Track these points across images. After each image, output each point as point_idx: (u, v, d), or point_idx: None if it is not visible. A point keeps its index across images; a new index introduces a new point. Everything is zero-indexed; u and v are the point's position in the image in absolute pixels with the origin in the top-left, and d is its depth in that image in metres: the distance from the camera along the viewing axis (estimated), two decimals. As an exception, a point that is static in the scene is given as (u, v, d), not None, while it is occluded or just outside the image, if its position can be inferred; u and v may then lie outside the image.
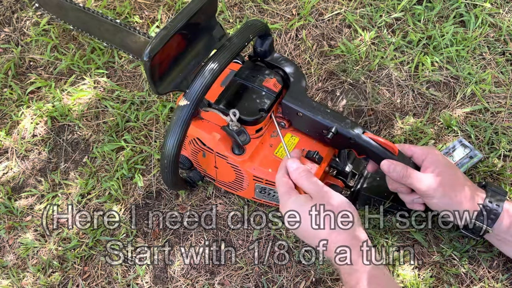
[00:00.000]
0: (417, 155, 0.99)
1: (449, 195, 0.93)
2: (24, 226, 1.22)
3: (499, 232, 0.94)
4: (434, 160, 0.96)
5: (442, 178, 0.93)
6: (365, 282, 0.81)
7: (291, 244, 1.13)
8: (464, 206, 0.93)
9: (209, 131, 1.04)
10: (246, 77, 1.08)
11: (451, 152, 1.13)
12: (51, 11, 1.41)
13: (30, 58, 1.47)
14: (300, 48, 1.36)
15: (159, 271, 1.14)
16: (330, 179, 1.14)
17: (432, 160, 0.96)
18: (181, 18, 0.89)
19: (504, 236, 0.95)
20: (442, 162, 0.96)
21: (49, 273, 1.16)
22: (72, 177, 1.28)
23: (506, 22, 1.35)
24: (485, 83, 1.27)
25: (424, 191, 0.94)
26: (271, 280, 1.10)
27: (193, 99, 0.90)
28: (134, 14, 1.47)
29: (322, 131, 1.02)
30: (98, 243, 1.18)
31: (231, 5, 1.44)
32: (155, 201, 1.22)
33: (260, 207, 1.18)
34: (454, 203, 0.93)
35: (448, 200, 0.93)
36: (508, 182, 1.16)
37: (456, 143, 1.14)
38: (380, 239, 1.11)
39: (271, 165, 1.04)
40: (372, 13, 1.38)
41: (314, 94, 1.29)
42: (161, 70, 0.90)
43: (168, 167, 0.96)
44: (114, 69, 1.42)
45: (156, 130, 1.30)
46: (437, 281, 1.07)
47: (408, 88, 1.28)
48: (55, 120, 1.36)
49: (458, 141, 1.14)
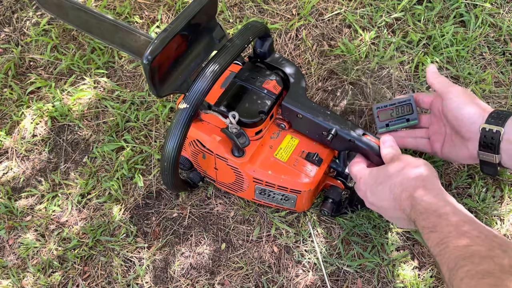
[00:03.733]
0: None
1: (469, 94, 0.97)
2: (24, 226, 1.22)
3: (509, 135, 0.91)
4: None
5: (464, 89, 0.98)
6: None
7: (291, 244, 1.13)
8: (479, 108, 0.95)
9: (209, 133, 1.04)
10: (246, 78, 1.08)
11: (397, 105, 1.09)
12: (51, 11, 1.41)
13: (30, 58, 1.47)
14: (300, 48, 1.36)
15: (159, 271, 1.14)
16: (330, 180, 1.14)
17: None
18: (181, 20, 0.89)
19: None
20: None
21: (49, 273, 1.16)
22: (72, 177, 1.28)
23: (506, 22, 1.35)
24: (485, 83, 1.27)
25: (450, 90, 0.98)
26: (271, 280, 1.11)
27: (193, 102, 0.90)
28: (134, 14, 1.47)
29: (322, 133, 1.02)
30: (98, 243, 1.18)
31: (231, 5, 1.44)
32: (155, 201, 1.23)
33: (260, 207, 1.18)
34: (472, 98, 0.96)
35: (469, 96, 0.96)
36: (508, 183, 1.16)
37: (407, 99, 1.09)
38: (380, 239, 1.11)
39: (271, 167, 1.04)
40: (372, 13, 1.37)
41: (314, 94, 1.29)
42: (161, 72, 0.90)
43: (168, 169, 0.96)
44: (114, 69, 1.42)
45: (156, 130, 1.30)
46: (437, 281, 1.07)
47: (408, 88, 1.28)
48: (55, 120, 1.36)
49: (410, 97, 1.10)
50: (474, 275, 0.66)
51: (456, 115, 0.96)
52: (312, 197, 1.10)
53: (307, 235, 1.14)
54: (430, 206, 0.80)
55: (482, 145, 0.93)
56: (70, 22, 1.36)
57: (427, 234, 0.78)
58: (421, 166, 0.87)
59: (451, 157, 1.03)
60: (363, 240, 1.13)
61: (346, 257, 1.11)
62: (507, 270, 0.65)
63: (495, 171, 0.96)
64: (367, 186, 0.93)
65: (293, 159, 1.05)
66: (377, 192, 0.90)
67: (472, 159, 0.98)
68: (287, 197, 1.07)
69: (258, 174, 1.03)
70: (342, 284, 1.09)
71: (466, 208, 1.12)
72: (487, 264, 0.67)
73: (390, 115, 1.08)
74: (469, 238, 0.72)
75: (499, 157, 0.92)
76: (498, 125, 0.90)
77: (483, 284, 0.64)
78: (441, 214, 0.78)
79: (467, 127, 0.94)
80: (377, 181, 0.90)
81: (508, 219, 1.13)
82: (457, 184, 1.17)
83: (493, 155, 0.92)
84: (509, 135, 0.90)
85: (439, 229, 0.77)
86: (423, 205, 0.81)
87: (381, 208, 0.92)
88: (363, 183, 0.94)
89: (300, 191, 1.04)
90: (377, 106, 1.09)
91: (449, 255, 0.72)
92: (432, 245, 0.76)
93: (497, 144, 0.91)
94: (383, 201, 0.89)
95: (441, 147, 1.04)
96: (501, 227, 1.13)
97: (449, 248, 0.73)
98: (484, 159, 0.94)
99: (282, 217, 1.17)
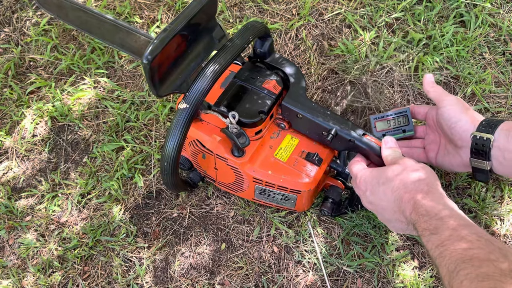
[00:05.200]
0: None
1: (462, 103, 1.00)
2: (24, 226, 1.22)
3: (499, 143, 0.94)
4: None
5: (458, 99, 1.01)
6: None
7: (291, 244, 1.13)
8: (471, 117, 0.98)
9: (209, 133, 1.04)
10: (246, 78, 1.07)
11: (393, 116, 1.11)
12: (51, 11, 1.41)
13: (30, 58, 1.47)
14: (300, 48, 1.36)
15: (159, 271, 1.14)
16: (330, 180, 1.14)
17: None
18: (181, 19, 0.89)
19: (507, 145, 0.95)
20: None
21: (49, 273, 1.16)
22: (72, 177, 1.28)
23: (506, 22, 1.35)
24: (485, 83, 1.27)
25: (445, 99, 1.00)
26: (271, 280, 1.11)
27: (193, 102, 0.90)
28: (134, 14, 1.47)
29: (322, 133, 1.02)
30: (98, 243, 1.18)
31: (231, 5, 1.44)
32: (155, 201, 1.23)
33: (260, 207, 1.18)
34: (465, 108, 0.99)
35: (461, 105, 0.99)
36: (508, 183, 1.16)
37: (403, 111, 1.11)
38: (380, 239, 1.11)
39: (271, 167, 1.04)
40: (372, 13, 1.38)
41: (314, 94, 1.29)
42: (161, 72, 0.90)
43: (168, 169, 0.96)
44: (114, 69, 1.42)
45: (156, 130, 1.30)
46: (437, 281, 1.07)
47: (408, 87, 1.28)
48: (55, 120, 1.36)
49: (407, 108, 1.12)
50: (474, 278, 0.66)
51: (449, 124, 0.99)
52: (312, 197, 1.10)
53: (307, 235, 1.14)
54: (432, 209, 0.81)
55: (474, 152, 0.96)
56: (70, 22, 1.35)
57: (427, 236, 0.78)
58: (422, 170, 0.89)
59: (445, 165, 1.05)
60: (363, 240, 1.13)
61: (346, 257, 1.11)
62: (507, 274, 0.65)
63: (487, 177, 0.98)
64: (368, 186, 0.93)
65: (293, 159, 1.05)
66: (378, 192, 0.91)
67: (465, 167, 1.01)
68: (287, 197, 1.07)
69: (258, 174, 1.03)
70: (342, 284, 1.09)
71: (466, 208, 1.14)
72: (487, 267, 0.67)
73: (387, 126, 1.11)
74: (468, 241, 0.73)
75: (490, 163, 0.95)
76: (488, 132, 0.93)
77: (482, 287, 0.64)
78: (443, 217, 0.79)
79: (459, 135, 0.98)
80: (379, 182, 0.91)
81: (508, 219, 1.13)
82: (457, 184, 1.17)
83: (485, 162, 0.95)
84: (499, 142, 0.93)
85: (440, 231, 0.77)
86: (425, 207, 0.82)
87: (379, 208, 0.92)
88: (363, 182, 0.94)
89: (300, 191, 1.04)
90: (374, 117, 1.11)
91: (449, 257, 0.72)
92: (432, 247, 0.76)
93: (488, 151, 0.94)
94: (382, 201, 0.90)
95: (435, 156, 1.06)
96: (501, 227, 1.13)
97: (449, 251, 0.73)
98: (476, 166, 0.97)
99: (282, 217, 1.17)
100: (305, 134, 1.08)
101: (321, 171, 1.05)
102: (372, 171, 0.94)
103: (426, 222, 0.80)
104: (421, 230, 0.80)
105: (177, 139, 0.91)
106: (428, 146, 1.08)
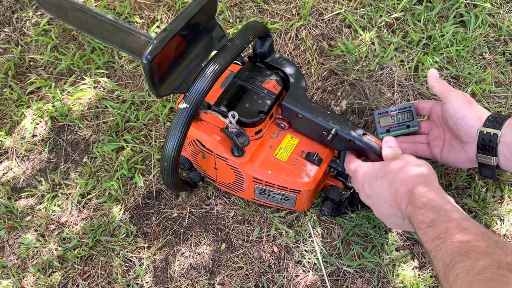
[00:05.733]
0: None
1: (468, 98, 0.99)
2: (24, 226, 1.22)
3: (506, 138, 0.94)
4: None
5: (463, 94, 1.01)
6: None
7: (291, 244, 1.13)
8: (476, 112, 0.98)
9: (209, 133, 1.04)
10: (245, 78, 1.07)
11: (398, 111, 1.10)
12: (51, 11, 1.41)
13: (30, 58, 1.47)
14: (300, 48, 1.36)
15: (159, 271, 1.14)
16: (330, 180, 1.14)
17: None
18: (181, 19, 0.89)
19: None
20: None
21: (49, 273, 1.16)
22: (72, 177, 1.28)
23: (506, 22, 1.35)
24: (485, 83, 1.27)
25: (450, 94, 1.00)
26: (271, 280, 1.11)
27: (193, 102, 0.90)
28: (134, 14, 1.47)
29: (322, 133, 1.02)
30: (98, 243, 1.18)
31: (231, 5, 1.44)
32: (155, 201, 1.23)
33: (260, 207, 1.18)
34: (470, 103, 0.99)
35: (467, 101, 0.98)
36: (508, 183, 1.16)
37: (408, 106, 1.11)
38: (380, 239, 1.11)
39: (271, 167, 1.04)
40: (372, 13, 1.38)
41: (314, 94, 1.29)
42: (160, 72, 0.90)
43: (168, 169, 0.96)
44: (114, 69, 1.42)
45: (156, 130, 1.30)
46: (437, 281, 1.07)
47: (408, 87, 1.28)
48: (55, 120, 1.36)
49: (411, 104, 1.11)
50: (471, 270, 0.66)
51: (455, 119, 0.98)
52: (312, 197, 1.10)
53: (307, 235, 1.14)
54: (430, 202, 0.81)
55: (480, 148, 0.95)
56: (70, 22, 1.36)
57: (423, 229, 0.78)
58: (422, 165, 0.89)
59: (450, 160, 1.05)
60: (363, 240, 1.13)
61: (346, 257, 1.11)
62: (504, 267, 0.65)
63: (493, 173, 0.98)
64: (366, 179, 0.94)
65: (293, 159, 1.05)
66: (375, 186, 0.91)
67: (471, 163, 1.00)
68: (287, 197, 1.07)
69: (258, 174, 1.03)
70: (342, 284, 1.09)
71: (466, 208, 1.14)
72: (484, 260, 0.67)
73: (391, 121, 1.10)
74: (465, 234, 0.73)
75: (497, 159, 0.95)
76: (495, 128, 0.93)
77: (479, 280, 0.64)
78: (440, 210, 0.79)
79: (465, 130, 0.97)
80: (377, 175, 0.91)
81: (508, 219, 1.13)
82: (457, 184, 1.17)
83: (491, 158, 0.95)
84: (506, 138, 0.93)
85: (436, 224, 0.77)
86: (423, 200, 0.82)
87: (376, 203, 0.93)
88: (362, 176, 0.95)
89: (300, 191, 1.04)
90: (378, 112, 1.10)
91: (445, 250, 0.72)
92: (428, 241, 0.76)
93: (495, 146, 0.93)
94: (379, 195, 0.90)
95: (440, 152, 1.06)
96: (501, 227, 1.13)
97: (446, 244, 0.73)
98: (483, 162, 0.97)
99: (282, 217, 1.17)
100: (305, 134, 1.08)
101: (321, 171, 1.05)
102: (374, 164, 0.94)
103: (423, 215, 0.80)
104: (417, 223, 0.80)
105: (177, 139, 0.91)
106: (433, 141, 1.08)
